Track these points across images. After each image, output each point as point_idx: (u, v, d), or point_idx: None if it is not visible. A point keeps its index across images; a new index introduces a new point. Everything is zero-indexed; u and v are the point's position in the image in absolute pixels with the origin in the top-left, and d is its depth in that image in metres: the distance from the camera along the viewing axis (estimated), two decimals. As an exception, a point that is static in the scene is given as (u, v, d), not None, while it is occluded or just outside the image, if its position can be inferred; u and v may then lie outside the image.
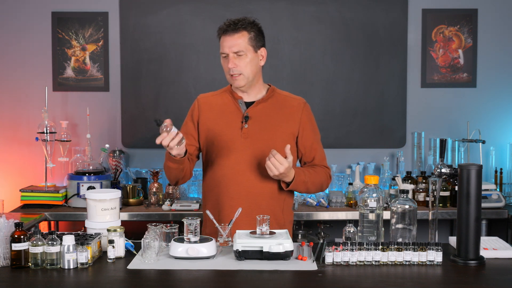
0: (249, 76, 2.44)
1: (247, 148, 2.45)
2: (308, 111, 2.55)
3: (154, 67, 4.04)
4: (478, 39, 4.06)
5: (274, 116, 2.49)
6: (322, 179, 2.54)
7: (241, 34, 2.41)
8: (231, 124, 2.48)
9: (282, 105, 2.52)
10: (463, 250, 2.15)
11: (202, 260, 2.13)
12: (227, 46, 2.41)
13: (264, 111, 2.49)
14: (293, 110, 2.51)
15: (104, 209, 2.32)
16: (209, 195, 2.54)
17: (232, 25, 2.40)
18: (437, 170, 2.34)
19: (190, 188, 3.91)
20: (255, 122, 2.47)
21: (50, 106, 3.93)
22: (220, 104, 2.53)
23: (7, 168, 4.04)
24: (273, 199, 2.48)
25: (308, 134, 2.53)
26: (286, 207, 2.55)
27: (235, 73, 2.42)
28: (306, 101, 2.57)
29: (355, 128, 4.08)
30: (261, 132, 2.46)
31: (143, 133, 4.06)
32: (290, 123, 2.50)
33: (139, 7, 4.01)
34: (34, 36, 4.02)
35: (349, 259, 2.11)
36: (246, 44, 2.41)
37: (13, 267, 2.08)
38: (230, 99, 2.52)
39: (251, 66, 2.44)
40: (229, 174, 2.45)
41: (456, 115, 4.09)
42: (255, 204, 2.44)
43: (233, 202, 2.44)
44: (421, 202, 3.66)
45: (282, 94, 2.56)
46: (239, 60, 2.41)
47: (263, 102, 2.50)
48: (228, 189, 2.46)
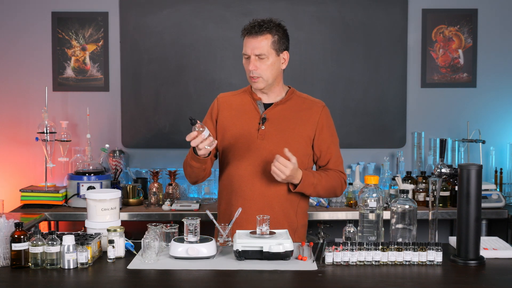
0: (268, 79, 2.44)
1: (263, 149, 2.44)
2: (326, 114, 2.54)
3: (154, 67, 4.03)
4: (478, 39, 4.06)
5: (292, 119, 2.48)
6: (334, 183, 2.50)
7: (265, 37, 2.40)
8: (248, 125, 2.48)
9: (300, 108, 2.51)
10: (463, 250, 2.15)
11: (202, 260, 2.13)
12: (250, 47, 2.40)
13: (282, 113, 2.48)
14: (311, 113, 2.51)
15: (104, 209, 2.32)
16: (223, 195, 2.54)
17: (256, 27, 2.39)
18: (437, 170, 2.34)
19: (190, 188, 3.91)
20: (272, 123, 2.47)
21: (50, 106, 3.93)
22: (239, 104, 2.53)
23: (7, 168, 4.04)
24: (286, 202, 2.47)
25: (324, 137, 2.51)
26: (300, 210, 2.53)
27: (255, 76, 2.42)
28: (325, 104, 2.56)
29: (355, 128, 4.08)
30: (278, 134, 2.46)
31: (143, 133, 4.06)
32: (307, 126, 2.49)
33: (139, 7, 4.01)
34: (34, 36, 4.02)
35: (349, 259, 2.11)
36: (268, 47, 2.40)
37: (13, 267, 2.08)
38: (249, 99, 2.52)
39: (272, 69, 2.43)
40: (243, 174, 2.45)
41: (456, 115, 4.09)
42: (268, 206, 2.44)
43: (246, 203, 2.44)
44: (421, 202, 3.66)
45: (301, 96, 2.56)
46: (260, 63, 2.41)
47: (281, 104, 2.50)
48: (242, 189, 2.46)
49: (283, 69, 2.51)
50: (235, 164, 2.48)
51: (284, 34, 2.47)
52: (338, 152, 2.56)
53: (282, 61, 2.47)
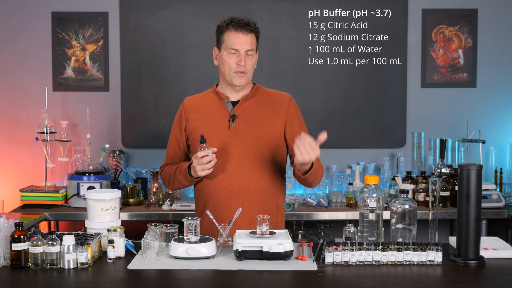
0: (250, 75, 2.49)
1: (236, 146, 2.45)
2: (294, 105, 2.56)
3: (154, 67, 4.04)
4: (478, 39, 4.06)
5: (261, 113, 2.50)
6: (320, 169, 2.51)
7: (253, 35, 2.46)
8: (219, 124, 2.48)
9: (267, 102, 2.53)
10: (463, 250, 2.15)
11: (202, 260, 2.13)
12: (240, 43, 2.43)
13: (251, 109, 2.50)
14: (279, 106, 2.52)
15: (104, 209, 2.32)
16: (200, 195, 2.54)
17: (247, 25, 2.44)
18: (437, 170, 2.34)
19: (190, 188, 3.91)
20: (241, 120, 2.48)
21: (50, 106, 3.93)
22: (207, 105, 2.54)
23: (7, 168, 4.04)
24: (266, 197, 2.48)
25: (295, 127, 2.52)
26: (280, 206, 2.55)
27: (243, 71, 2.43)
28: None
29: (355, 128, 4.08)
30: (249, 130, 2.47)
31: (143, 133, 4.06)
32: (277, 119, 2.50)
33: (139, 7, 4.01)
34: (34, 36, 4.02)
35: (349, 259, 2.11)
36: (255, 45, 2.48)
37: (13, 267, 2.08)
38: (216, 99, 2.53)
39: (254, 66, 2.50)
40: (219, 173, 2.45)
41: (456, 115, 4.09)
42: (248, 203, 2.44)
43: (225, 202, 2.44)
44: (421, 202, 3.66)
45: (267, 91, 2.58)
46: (249, 59, 2.45)
47: (249, 99, 2.52)
48: (218, 188, 2.46)
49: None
50: None
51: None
52: None
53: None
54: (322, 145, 2.60)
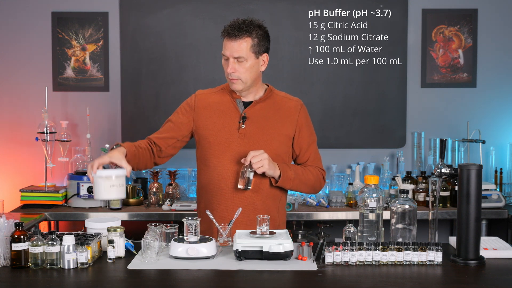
0: (247, 81, 2.43)
1: (243, 148, 2.44)
2: (304, 112, 2.55)
3: (154, 67, 4.04)
4: (478, 39, 4.06)
5: (271, 117, 2.49)
6: (312, 178, 2.51)
7: (244, 40, 2.37)
8: (228, 124, 2.47)
9: (279, 106, 2.51)
10: (463, 250, 2.15)
11: (202, 260, 2.13)
12: (229, 50, 2.39)
13: (262, 112, 2.49)
14: (290, 112, 2.51)
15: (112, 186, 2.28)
16: (202, 194, 2.53)
17: (236, 30, 2.36)
18: (437, 170, 2.34)
19: (190, 188, 3.91)
20: (252, 122, 2.47)
21: (50, 106, 3.93)
22: (218, 102, 2.52)
23: (7, 168, 4.04)
24: (268, 199, 2.48)
25: (304, 136, 2.52)
26: (282, 207, 2.55)
27: (233, 78, 2.42)
28: (303, 102, 2.58)
29: (355, 128, 4.08)
30: (258, 133, 2.46)
31: (143, 133, 4.02)
32: (287, 125, 2.50)
33: (139, 7, 4.01)
34: (34, 36, 4.02)
35: (349, 259, 2.11)
36: (247, 51, 2.38)
37: (13, 267, 2.08)
38: (229, 97, 2.51)
39: (250, 72, 2.42)
40: (224, 174, 2.45)
41: (456, 115, 4.09)
42: (251, 204, 2.44)
43: (228, 202, 2.44)
44: (421, 202, 3.66)
45: (279, 95, 2.56)
46: (239, 65, 2.39)
47: (261, 102, 2.50)
48: (222, 188, 2.45)
49: (262, 71, 2.50)
50: (215, 163, 2.47)
51: (265, 36, 2.44)
52: (317, 149, 2.59)
53: (261, 63, 2.46)
54: (322, 145, 2.61)
